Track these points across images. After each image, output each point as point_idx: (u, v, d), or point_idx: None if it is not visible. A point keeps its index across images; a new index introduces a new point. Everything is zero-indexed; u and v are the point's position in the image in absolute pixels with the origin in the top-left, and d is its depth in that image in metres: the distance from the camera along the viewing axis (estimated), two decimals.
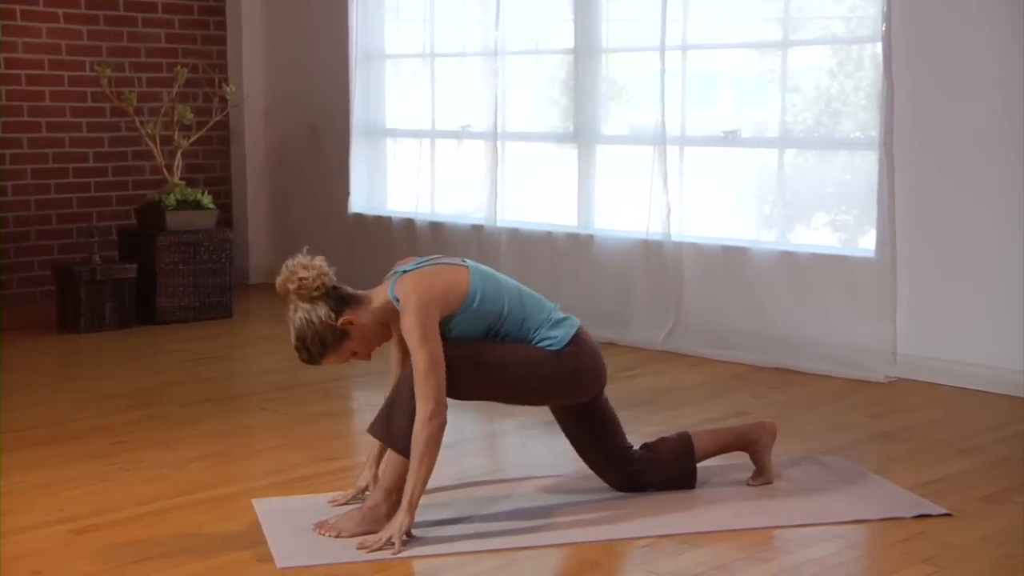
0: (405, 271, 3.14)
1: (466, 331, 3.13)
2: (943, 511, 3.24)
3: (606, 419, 3.35)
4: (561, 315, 3.27)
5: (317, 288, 3.04)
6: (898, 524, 3.16)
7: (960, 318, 4.69)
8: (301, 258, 3.08)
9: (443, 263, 3.18)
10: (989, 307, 4.61)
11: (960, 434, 4.04)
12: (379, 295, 3.12)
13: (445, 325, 3.09)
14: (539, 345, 3.19)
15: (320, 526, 3.12)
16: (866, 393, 4.63)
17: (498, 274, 3.25)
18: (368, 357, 3.16)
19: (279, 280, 3.08)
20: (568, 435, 3.40)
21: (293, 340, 3.10)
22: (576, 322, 3.27)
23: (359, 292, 3.13)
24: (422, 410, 2.98)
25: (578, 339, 3.22)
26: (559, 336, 3.19)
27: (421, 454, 2.98)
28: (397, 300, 3.07)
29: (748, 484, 3.45)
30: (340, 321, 3.05)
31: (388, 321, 3.11)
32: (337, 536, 3.06)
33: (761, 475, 3.46)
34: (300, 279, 3.04)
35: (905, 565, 2.90)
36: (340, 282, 3.12)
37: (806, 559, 2.97)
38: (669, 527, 3.14)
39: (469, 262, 3.22)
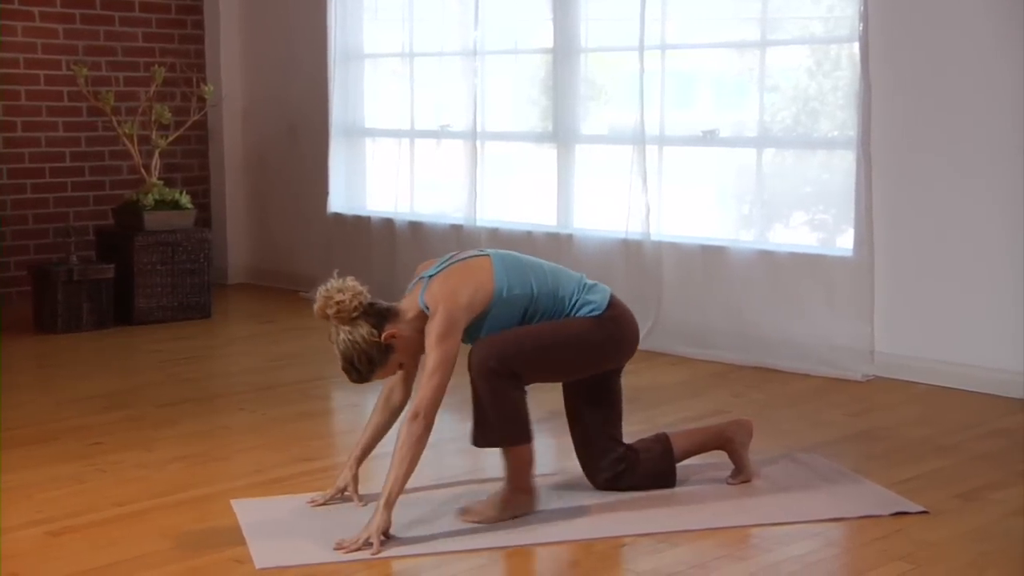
0: (431, 276, 3.16)
1: (502, 320, 3.16)
2: (920, 508, 3.26)
3: (614, 400, 3.39)
4: (591, 281, 3.32)
5: (355, 308, 3.05)
6: (876, 522, 3.18)
7: (937, 317, 4.72)
8: (334, 282, 3.09)
9: (465, 259, 3.20)
10: (965, 306, 4.64)
11: (937, 432, 4.06)
12: (411, 305, 3.13)
13: (479, 321, 3.13)
14: (580, 313, 3.22)
15: (465, 513, 3.17)
16: (844, 391, 4.66)
17: (521, 256, 3.28)
18: (415, 367, 3.18)
19: (316, 307, 3.07)
20: (573, 413, 3.38)
21: (341, 363, 3.09)
22: (607, 288, 3.32)
23: (393, 304, 3.14)
24: (412, 406, 3.02)
25: (614, 303, 3.28)
26: (597, 300, 3.24)
27: (403, 453, 2.99)
28: (427, 308, 3.09)
29: (727, 482, 3.46)
30: (384, 336, 3.06)
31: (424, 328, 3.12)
32: (482, 521, 3.13)
33: (740, 473, 3.47)
34: (337, 303, 3.04)
35: (882, 562, 2.91)
36: (374, 297, 3.12)
37: (785, 557, 2.98)
38: (648, 526, 3.14)
39: (490, 251, 3.24)
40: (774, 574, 2.87)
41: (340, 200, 6.80)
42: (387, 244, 6.52)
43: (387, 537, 3.00)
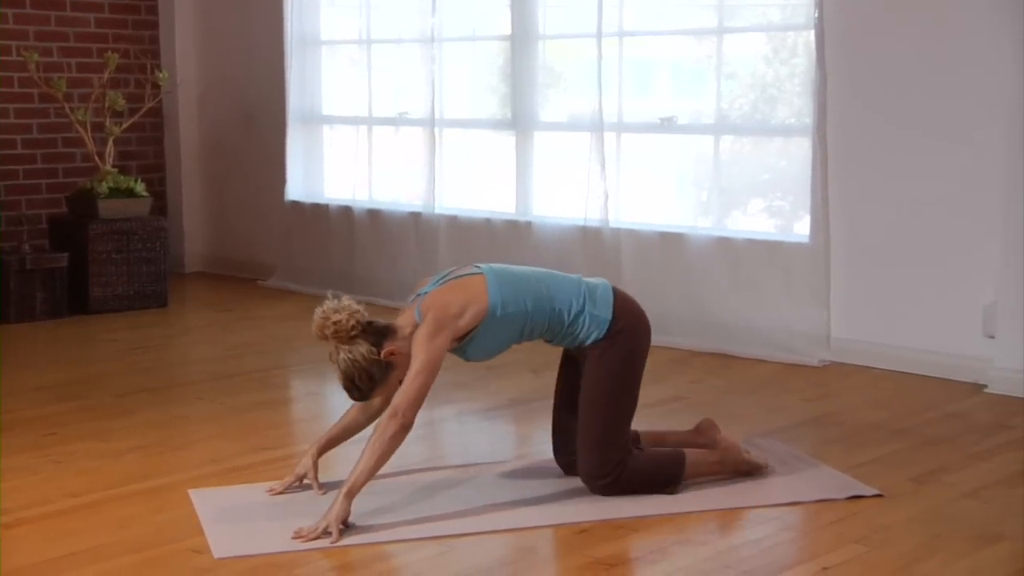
0: (426, 292, 3.18)
1: (497, 337, 3.19)
2: (875, 492, 3.30)
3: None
4: (589, 281, 3.31)
5: (352, 328, 3.06)
6: (832, 505, 3.22)
7: (892, 302, 4.77)
8: (329, 303, 3.09)
9: (460, 276, 3.21)
10: (920, 292, 4.69)
11: (892, 416, 4.11)
12: (407, 321, 3.15)
13: (473, 338, 3.15)
14: (586, 333, 3.21)
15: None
16: (801, 377, 4.70)
17: (515, 269, 3.27)
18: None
19: (314, 328, 3.08)
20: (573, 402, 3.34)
21: (342, 381, 3.11)
22: (606, 284, 3.31)
23: (391, 322, 3.16)
24: (392, 405, 3.03)
25: (617, 312, 3.25)
26: (601, 313, 3.23)
27: (374, 447, 2.99)
28: (421, 318, 3.12)
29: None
30: (383, 354, 3.07)
31: None
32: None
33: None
34: (335, 323, 3.05)
35: (838, 545, 2.95)
36: (371, 316, 3.14)
37: (743, 541, 3.01)
38: (607, 512, 3.16)
39: (484, 267, 3.24)
40: (732, 558, 2.90)
41: (298, 188, 6.76)
42: (346, 232, 6.49)
43: (346, 526, 3.00)
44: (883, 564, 2.83)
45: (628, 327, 3.26)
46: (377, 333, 3.09)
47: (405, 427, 3.01)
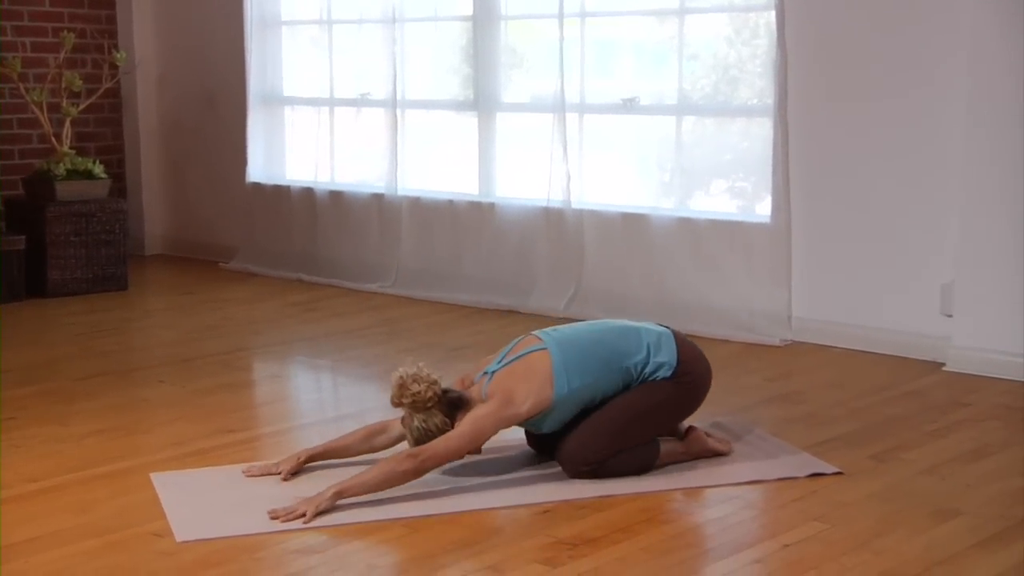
0: (493, 371, 3.24)
1: (565, 409, 3.23)
2: (835, 470, 3.34)
3: None
4: (651, 328, 3.35)
5: (429, 399, 3.13)
6: (793, 484, 3.25)
7: (852, 282, 4.81)
8: (406, 370, 3.15)
9: (524, 353, 3.24)
10: (880, 271, 4.74)
11: (851, 395, 4.15)
12: (476, 396, 3.22)
13: (546, 414, 3.21)
14: (653, 377, 3.27)
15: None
16: (763, 356, 4.73)
17: (578, 336, 3.30)
18: (480, 451, 3.25)
19: (392, 397, 3.15)
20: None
21: (411, 444, 3.17)
22: (667, 331, 3.37)
23: (463, 393, 3.22)
24: (419, 448, 3.08)
25: (683, 358, 3.31)
26: (666, 360, 3.28)
27: (384, 470, 3.04)
28: (487, 399, 3.21)
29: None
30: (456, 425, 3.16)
31: None
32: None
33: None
34: (413, 395, 3.13)
35: (799, 523, 2.98)
36: (446, 385, 3.21)
37: (705, 520, 3.04)
38: (571, 493, 3.17)
39: (546, 339, 3.26)
40: (696, 537, 2.92)
41: (259, 169, 6.71)
42: (308, 214, 6.46)
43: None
44: (843, 541, 2.86)
45: (696, 378, 3.34)
46: (451, 404, 3.18)
47: (417, 472, 3.07)
